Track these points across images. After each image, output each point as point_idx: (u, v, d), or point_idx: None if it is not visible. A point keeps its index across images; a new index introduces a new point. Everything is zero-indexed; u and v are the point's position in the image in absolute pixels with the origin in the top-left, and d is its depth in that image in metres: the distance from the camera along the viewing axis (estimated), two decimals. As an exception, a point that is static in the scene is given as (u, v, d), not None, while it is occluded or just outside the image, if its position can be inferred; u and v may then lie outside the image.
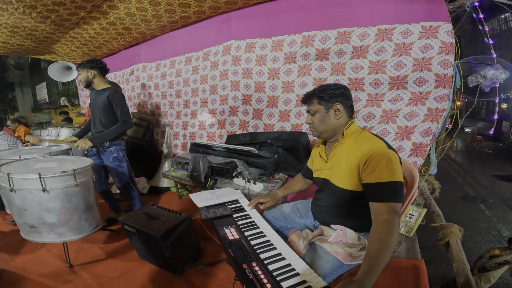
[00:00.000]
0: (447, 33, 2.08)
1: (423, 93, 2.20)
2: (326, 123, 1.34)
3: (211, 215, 1.46)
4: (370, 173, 1.15)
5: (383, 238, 1.02)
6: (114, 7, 2.83)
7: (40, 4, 2.58)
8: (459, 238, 1.74)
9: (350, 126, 1.33)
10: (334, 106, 1.31)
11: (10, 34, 3.31)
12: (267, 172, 2.53)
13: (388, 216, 1.06)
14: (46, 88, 12.95)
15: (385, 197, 1.11)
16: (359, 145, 1.23)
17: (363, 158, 1.17)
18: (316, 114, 1.36)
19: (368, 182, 1.16)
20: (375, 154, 1.14)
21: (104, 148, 2.42)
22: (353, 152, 1.23)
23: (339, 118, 1.33)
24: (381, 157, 1.13)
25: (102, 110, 2.37)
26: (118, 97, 2.34)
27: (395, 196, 1.10)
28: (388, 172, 1.11)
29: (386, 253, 0.99)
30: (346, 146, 1.29)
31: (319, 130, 1.38)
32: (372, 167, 1.14)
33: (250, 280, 1.00)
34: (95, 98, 2.41)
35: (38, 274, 1.96)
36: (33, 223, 1.87)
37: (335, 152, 1.35)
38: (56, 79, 3.83)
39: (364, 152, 1.17)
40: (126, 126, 2.37)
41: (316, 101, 1.35)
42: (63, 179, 1.84)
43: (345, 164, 1.25)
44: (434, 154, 2.38)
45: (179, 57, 3.64)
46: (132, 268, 2.01)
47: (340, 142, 1.33)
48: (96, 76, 2.36)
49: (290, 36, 2.72)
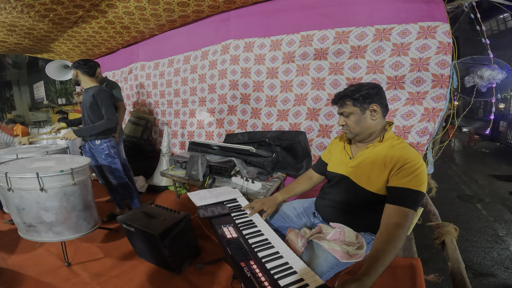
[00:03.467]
0: (444, 33, 2.09)
1: (420, 93, 2.21)
2: (362, 124, 1.30)
3: (209, 214, 1.47)
4: (401, 178, 1.16)
5: (392, 241, 1.04)
6: (112, 6, 2.82)
7: (39, 3, 2.57)
8: (454, 237, 1.75)
9: (389, 131, 1.32)
10: (370, 107, 1.27)
11: (8, 33, 3.29)
12: (265, 171, 2.54)
13: (401, 221, 1.09)
14: (44, 86, 12.90)
15: (406, 203, 1.13)
16: (395, 151, 1.23)
17: (398, 164, 1.18)
18: (350, 116, 1.31)
19: (395, 186, 1.18)
20: (412, 163, 1.16)
21: (95, 145, 2.47)
22: (388, 157, 1.22)
23: (375, 119, 1.29)
24: (416, 167, 1.15)
25: (89, 108, 2.43)
26: (103, 95, 2.39)
27: (415, 205, 1.14)
28: (418, 181, 1.14)
29: (391, 255, 1.01)
30: (380, 149, 1.28)
31: (354, 132, 1.33)
32: (404, 173, 1.16)
33: (248, 278, 1.00)
34: (84, 96, 2.49)
35: (36, 273, 1.96)
36: (31, 222, 1.87)
37: (365, 152, 1.32)
38: (54, 77, 3.81)
39: (401, 159, 1.18)
40: (110, 123, 2.40)
41: (350, 103, 1.29)
42: (60, 178, 1.85)
43: (376, 166, 1.25)
44: (431, 154, 2.39)
45: (177, 56, 3.63)
46: (131, 267, 2.01)
47: (375, 144, 1.31)
48: (79, 75, 2.42)
49: (289, 36, 2.72)
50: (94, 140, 2.47)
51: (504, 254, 3.60)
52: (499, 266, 3.37)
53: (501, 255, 3.58)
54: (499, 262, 3.44)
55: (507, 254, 3.60)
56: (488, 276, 3.22)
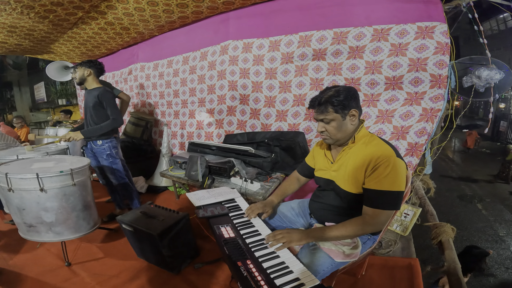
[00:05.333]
0: (442, 33, 2.09)
1: (419, 93, 2.22)
2: (343, 130, 1.29)
3: (207, 214, 1.48)
4: (372, 179, 1.17)
5: (351, 227, 1.20)
6: (112, 7, 2.84)
7: (38, 4, 2.58)
8: (451, 238, 1.76)
9: (361, 131, 1.31)
10: (350, 112, 1.26)
11: (8, 34, 3.31)
12: (264, 171, 2.54)
13: (371, 220, 1.17)
14: (44, 87, 12.93)
15: (378, 204, 1.16)
16: (368, 150, 1.23)
17: (371, 164, 1.18)
18: (331, 122, 1.28)
19: (368, 188, 1.19)
20: (382, 161, 1.15)
21: (97, 146, 2.49)
22: (362, 156, 1.22)
23: (354, 123, 1.29)
24: (387, 165, 1.14)
25: (93, 108, 2.44)
26: (108, 96, 2.42)
27: (388, 205, 1.16)
28: (390, 181, 1.14)
29: (339, 234, 1.21)
30: (355, 150, 1.28)
31: (335, 138, 1.32)
32: (376, 174, 1.16)
33: (244, 277, 1.01)
34: (87, 97, 2.50)
35: (36, 273, 1.98)
36: (31, 222, 1.88)
37: (343, 155, 1.33)
38: (54, 78, 3.84)
39: (373, 158, 1.18)
40: (116, 123, 2.43)
41: (332, 110, 1.25)
42: (60, 179, 1.86)
43: (352, 168, 1.25)
44: (429, 154, 2.40)
45: (176, 57, 3.64)
46: (130, 267, 2.02)
47: (349, 145, 1.31)
48: (91, 75, 2.45)
49: (287, 36, 2.73)
50: (96, 141, 2.48)
51: (504, 254, 3.60)
52: (499, 266, 3.37)
53: (501, 255, 3.58)
54: (499, 262, 3.44)
55: (507, 254, 3.60)
56: (488, 276, 3.23)
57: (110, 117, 2.42)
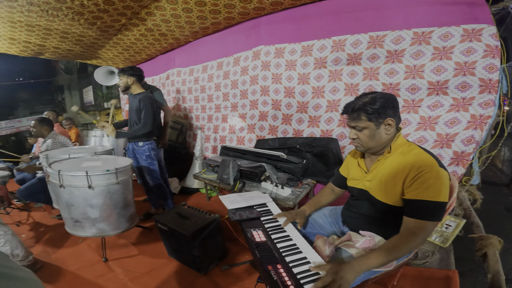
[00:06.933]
0: (491, 35, 1.94)
1: (466, 98, 2.06)
2: (375, 139, 1.23)
3: (239, 217, 1.50)
4: (414, 189, 1.11)
5: (399, 245, 1.07)
6: (151, 14, 3.04)
7: (87, 11, 2.83)
8: (497, 250, 1.61)
9: (398, 140, 1.24)
10: (385, 121, 1.20)
11: (61, 40, 3.65)
12: (295, 177, 2.52)
13: (417, 231, 1.08)
14: (92, 91, 14.00)
15: (422, 215, 1.09)
16: (407, 159, 1.17)
17: (411, 174, 1.12)
18: (364, 130, 1.23)
19: (410, 198, 1.13)
20: (424, 171, 1.09)
21: (138, 147, 2.65)
22: (399, 166, 1.17)
23: (389, 133, 1.23)
24: (430, 175, 1.08)
25: (135, 112, 2.61)
26: (147, 100, 2.56)
27: (432, 216, 1.08)
28: (434, 191, 1.08)
29: (391, 256, 1.05)
30: (392, 160, 1.23)
31: (366, 146, 1.27)
32: (418, 184, 1.10)
33: (274, 282, 1.01)
34: (131, 101, 2.67)
35: (76, 267, 2.12)
36: (77, 217, 2.04)
37: (378, 165, 1.28)
38: (101, 82, 4.14)
39: (413, 167, 1.12)
40: (145, 129, 2.55)
41: (365, 118, 1.21)
42: (106, 177, 2.00)
43: (389, 179, 1.20)
44: (477, 164, 2.21)
45: (211, 62, 3.77)
46: (161, 265, 2.11)
47: (385, 155, 1.26)
48: (134, 82, 2.62)
49: (320, 41, 2.70)
50: (137, 142, 2.65)
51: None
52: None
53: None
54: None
55: None
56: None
57: (141, 121, 2.55)
